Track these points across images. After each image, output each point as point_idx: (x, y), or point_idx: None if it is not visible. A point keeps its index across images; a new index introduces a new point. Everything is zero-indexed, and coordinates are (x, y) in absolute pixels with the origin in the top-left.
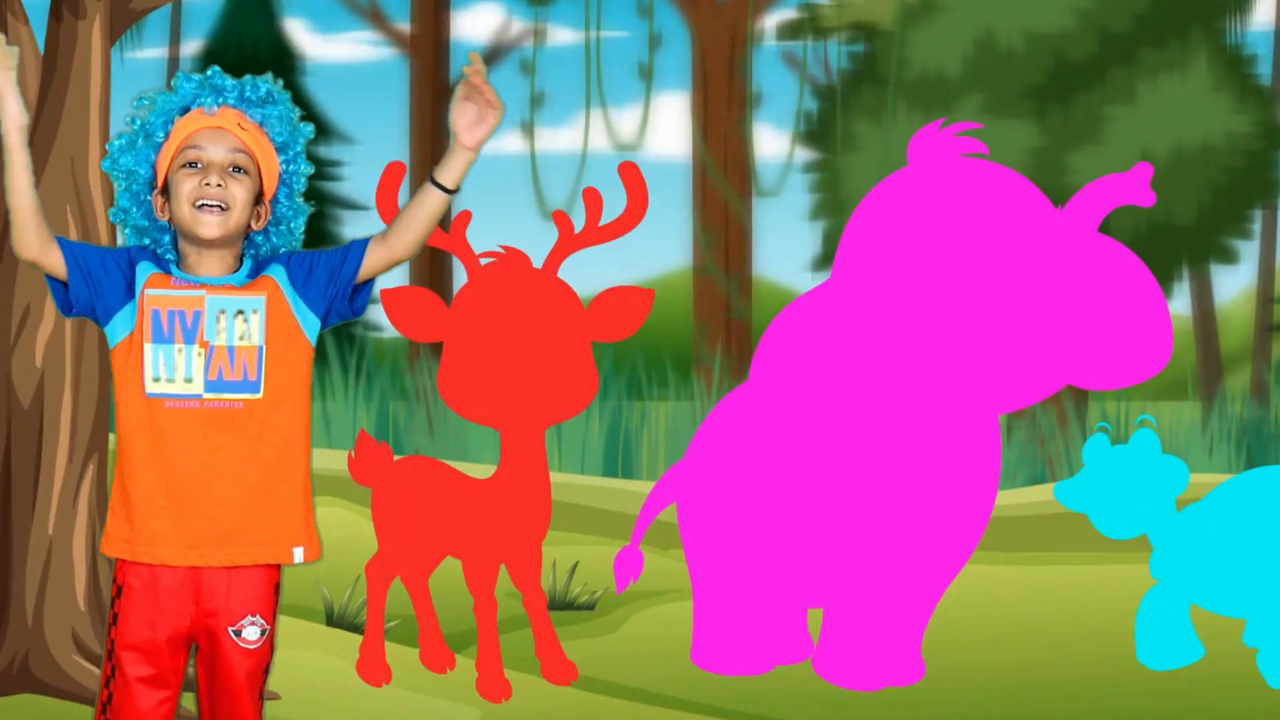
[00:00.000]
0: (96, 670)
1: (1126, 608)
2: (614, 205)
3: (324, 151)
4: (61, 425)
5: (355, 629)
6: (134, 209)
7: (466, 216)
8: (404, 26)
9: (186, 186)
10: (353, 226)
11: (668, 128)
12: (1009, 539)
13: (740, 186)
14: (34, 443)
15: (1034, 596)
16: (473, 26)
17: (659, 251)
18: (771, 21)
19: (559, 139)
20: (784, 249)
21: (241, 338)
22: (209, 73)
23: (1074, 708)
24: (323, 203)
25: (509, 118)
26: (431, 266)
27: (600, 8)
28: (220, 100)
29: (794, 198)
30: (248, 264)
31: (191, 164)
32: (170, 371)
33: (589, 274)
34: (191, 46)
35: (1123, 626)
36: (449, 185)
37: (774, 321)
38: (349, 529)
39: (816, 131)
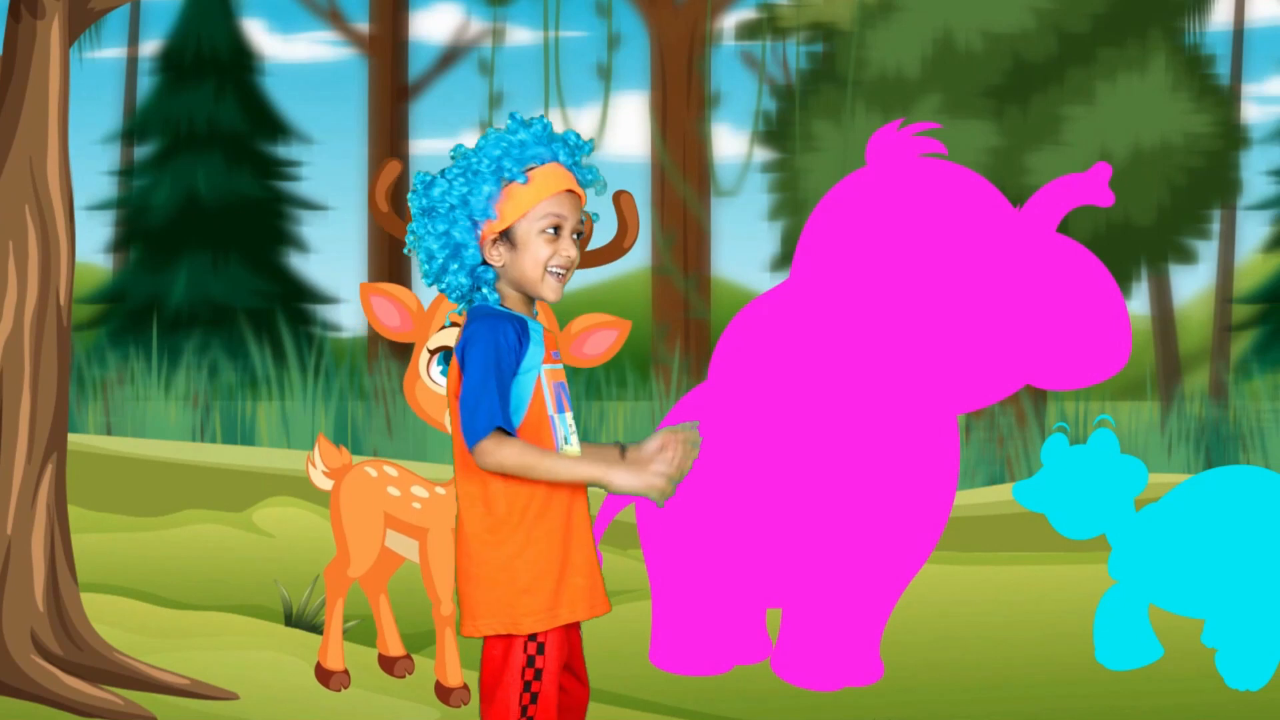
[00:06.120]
0: (55, 671)
1: (1085, 608)
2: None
3: (282, 151)
4: (20, 425)
5: (314, 629)
6: (470, 245)
7: None
8: (363, 27)
9: (545, 252)
10: (310, 226)
11: (626, 127)
12: (967, 539)
13: (699, 186)
14: None
15: (993, 596)
16: (431, 26)
17: None
18: (730, 21)
19: None
20: (743, 249)
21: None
22: (546, 125)
23: (1032, 707)
24: (280, 202)
25: (469, 118)
26: (390, 264)
27: (559, 7)
28: (569, 161)
29: (753, 198)
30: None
31: (552, 229)
32: (568, 438)
33: None
34: (150, 46)
35: (1081, 626)
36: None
37: (732, 321)
38: (307, 529)
39: (775, 131)
